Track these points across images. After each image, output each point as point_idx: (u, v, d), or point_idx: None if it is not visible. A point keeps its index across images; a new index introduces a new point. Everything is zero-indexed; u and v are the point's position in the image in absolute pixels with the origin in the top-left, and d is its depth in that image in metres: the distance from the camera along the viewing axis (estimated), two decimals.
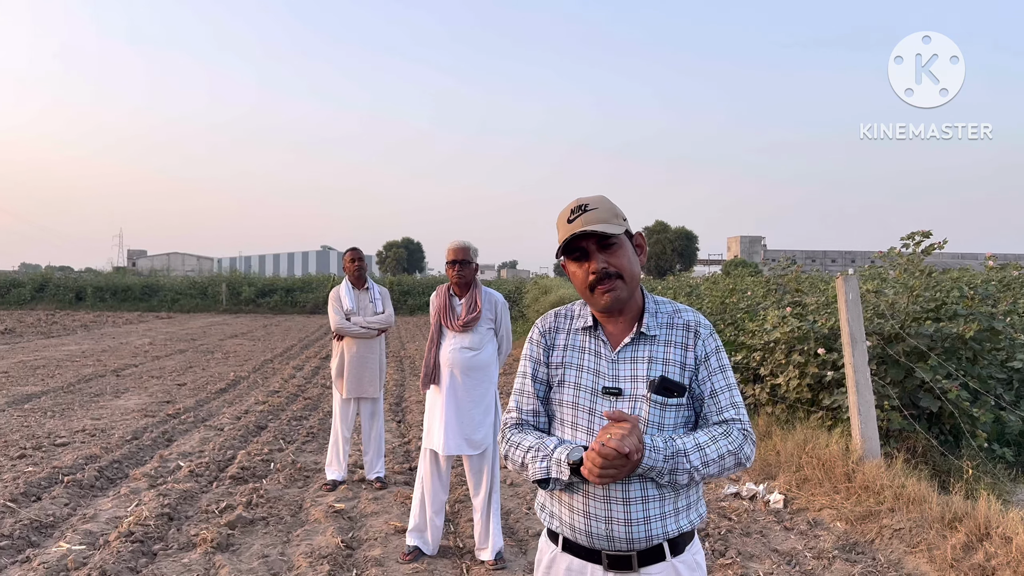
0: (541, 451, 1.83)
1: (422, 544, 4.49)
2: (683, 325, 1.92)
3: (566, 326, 2.00)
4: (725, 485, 6.05)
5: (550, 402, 1.97)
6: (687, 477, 1.77)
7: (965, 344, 6.09)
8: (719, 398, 1.86)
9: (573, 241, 1.83)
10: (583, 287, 1.87)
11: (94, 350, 16.30)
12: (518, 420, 1.97)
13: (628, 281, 1.85)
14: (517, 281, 41.03)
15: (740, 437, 1.82)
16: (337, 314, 6.04)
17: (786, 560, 4.52)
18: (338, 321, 6.01)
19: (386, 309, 6.18)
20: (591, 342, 1.93)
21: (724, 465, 1.80)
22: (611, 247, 1.84)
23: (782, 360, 7.08)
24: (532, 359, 2.00)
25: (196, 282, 38.16)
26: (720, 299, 10.67)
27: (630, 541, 1.81)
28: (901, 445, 5.92)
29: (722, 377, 1.89)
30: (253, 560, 4.41)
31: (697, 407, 1.89)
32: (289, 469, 6.39)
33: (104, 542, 4.57)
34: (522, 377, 2.00)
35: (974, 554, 4.14)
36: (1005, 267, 8.19)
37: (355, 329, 6.00)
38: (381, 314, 6.14)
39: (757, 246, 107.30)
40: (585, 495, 1.82)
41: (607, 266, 1.83)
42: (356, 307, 6.07)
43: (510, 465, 1.93)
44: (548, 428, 1.97)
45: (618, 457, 1.64)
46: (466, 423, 4.36)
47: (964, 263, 17.16)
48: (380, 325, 6.10)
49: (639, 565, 1.83)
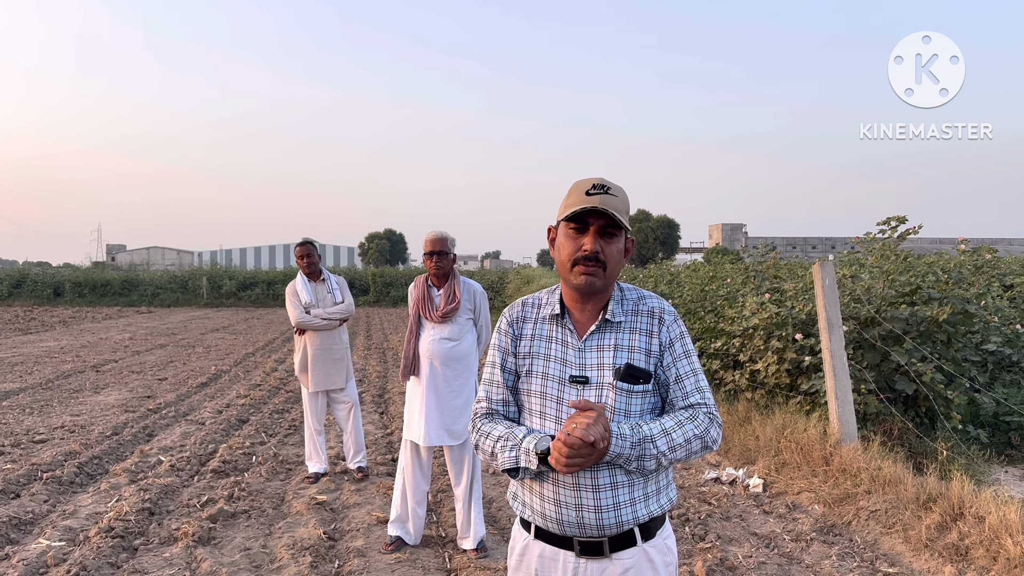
0: (510, 441, 1.84)
1: (404, 534, 4.51)
2: (647, 312, 1.93)
3: (533, 315, 2.01)
4: (705, 470, 6.11)
5: (519, 392, 1.98)
6: (655, 463, 1.79)
7: (939, 327, 6.17)
8: (684, 383, 1.88)
9: (583, 213, 1.84)
10: (567, 259, 1.87)
11: (73, 346, 16.16)
12: (488, 410, 1.98)
13: (608, 274, 1.86)
14: (500, 271, 41.00)
15: (706, 421, 1.85)
16: (296, 308, 5.91)
17: (765, 543, 4.57)
18: (298, 315, 5.89)
19: (345, 298, 6.09)
20: (558, 331, 1.95)
21: (691, 449, 1.82)
22: (611, 237, 1.85)
23: (761, 346, 7.14)
24: (500, 349, 2.01)
25: (176, 276, 37.85)
26: (700, 286, 10.73)
27: (601, 527, 1.83)
28: (878, 428, 6.00)
29: (687, 362, 1.90)
30: (235, 553, 4.41)
31: (663, 393, 1.91)
32: (271, 462, 6.38)
33: (84, 538, 4.56)
34: (491, 367, 2.01)
35: (948, 534, 4.21)
36: (978, 250, 8.29)
37: (316, 322, 5.90)
38: (341, 304, 6.04)
39: (738, 234, 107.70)
40: (555, 483, 1.84)
41: (600, 251, 1.83)
42: (315, 299, 5.96)
43: (480, 455, 1.94)
44: (518, 418, 1.98)
45: (584, 446, 1.65)
46: (447, 413, 4.38)
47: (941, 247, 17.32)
48: (341, 314, 6.01)
49: (611, 551, 1.85)
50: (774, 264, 9.72)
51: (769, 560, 4.29)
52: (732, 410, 7.19)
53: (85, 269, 44.81)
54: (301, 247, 5.96)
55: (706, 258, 42.05)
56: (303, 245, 5.96)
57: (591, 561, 1.86)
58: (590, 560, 1.86)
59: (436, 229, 4.43)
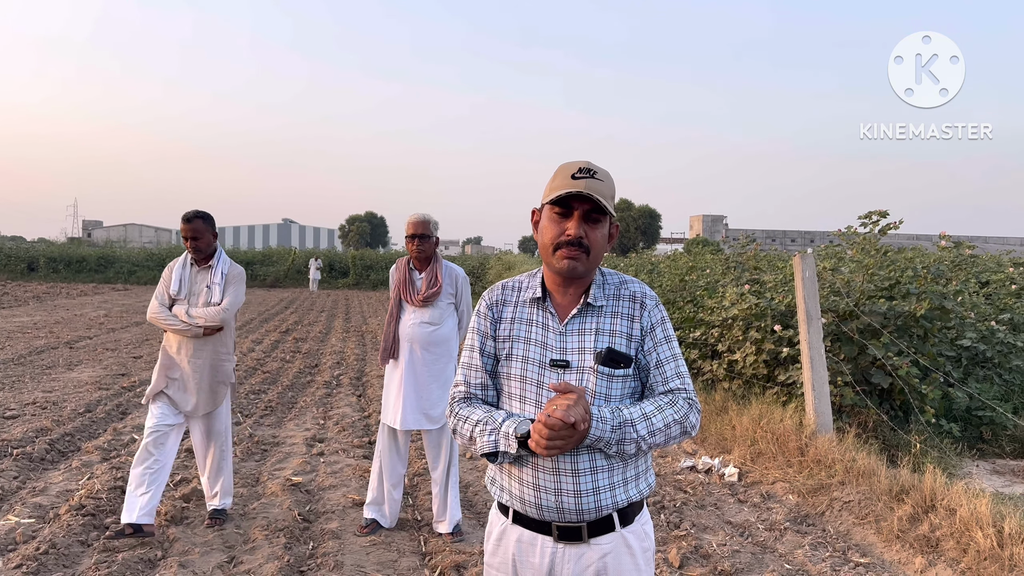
0: (489, 424, 1.82)
1: (380, 517, 4.49)
2: (629, 296, 1.92)
3: (514, 298, 1.98)
4: (681, 458, 6.14)
5: (498, 375, 1.96)
6: (634, 447, 1.78)
7: (916, 322, 6.23)
8: (665, 368, 1.88)
9: (568, 197, 1.81)
10: (550, 243, 1.85)
11: (46, 322, 15.95)
12: (466, 394, 1.96)
13: (591, 259, 1.85)
14: (481, 257, 40.97)
15: (685, 406, 1.84)
16: (157, 298, 4.46)
17: (739, 532, 4.60)
18: (154, 308, 4.42)
19: (225, 298, 4.44)
20: (539, 314, 1.93)
21: (670, 434, 1.81)
22: (596, 222, 1.84)
23: (739, 336, 7.17)
24: (480, 332, 1.98)
25: (154, 254, 37.52)
26: (680, 276, 10.76)
27: (580, 512, 1.82)
28: (853, 420, 6.05)
29: (668, 348, 1.90)
30: (208, 533, 4.37)
31: (643, 377, 1.90)
32: (246, 442, 6.33)
33: (54, 515, 4.50)
34: (470, 350, 1.99)
35: (920, 525, 4.25)
36: (959, 246, 8.36)
37: (171, 322, 4.36)
38: (213, 306, 4.40)
39: (719, 225, 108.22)
40: (534, 468, 1.82)
41: (583, 236, 1.82)
42: (187, 291, 4.45)
43: (458, 439, 1.92)
44: (496, 402, 1.96)
45: (564, 427, 1.64)
46: (424, 398, 4.35)
47: (918, 243, 17.50)
48: (206, 322, 4.35)
49: (589, 536, 1.84)
50: (754, 256, 9.77)
51: (743, 549, 4.32)
52: (709, 399, 7.22)
53: (60, 244, 44.29)
54: (188, 225, 4.41)
55: (686, 248, 42.19)
56: (191, 222, 4.41)
57: (569, 546, 1.85)
58: (568, 545, 1.85)
59: (418, 212, 4.39)
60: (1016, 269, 11.58)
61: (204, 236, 4.43)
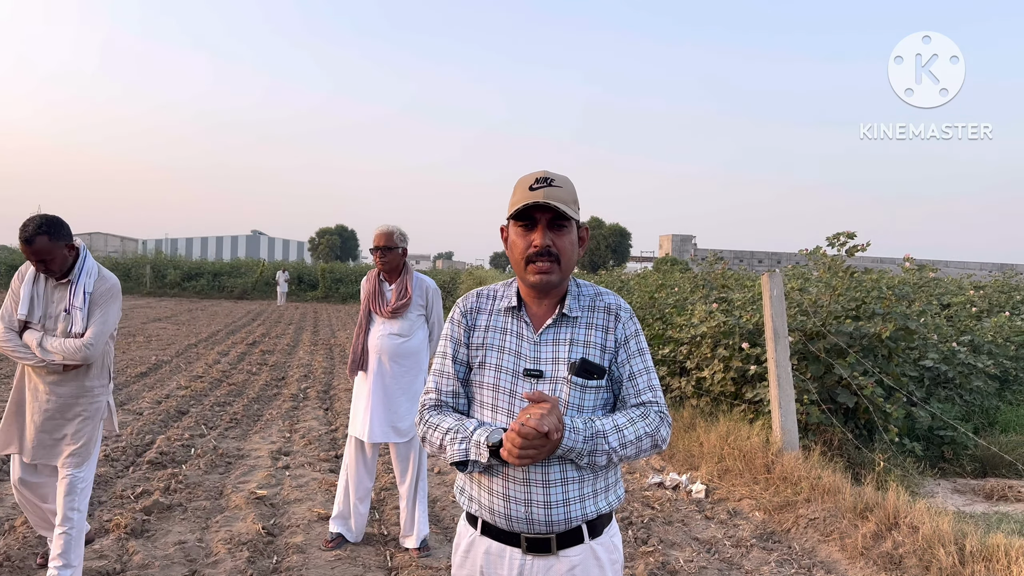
0: (460, 433, 1.81)
1: (346, 531, 4.43)
2: (604, 308, 1.92)
3: (488, 307, 1.98)
4: (649, 474, 6.15)
5: (470, 384, 1.94)
6: (606, 458, 1.78)
7: (882, 342, 6.32)
8: (637, 381, 1.88)
9: (528, 209, 1.81)
10: (520, 258, 1.85)
11: None
12: (437, 401, 1.94)
13: (564, 267, 1.85)
14: (452, 272, 40.93)
15: (657, 419, 1.85)
16: (4, 320, 3.47)
17: (706, 548, 4.61)
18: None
19: (90, 329, 3.42)
20: (514, 323, 1.92)
21: (641, 447, 1.81)
22: (560, 229, 1.83)
23: (708, 354, 7.23)
24: (453, 339, 1.97)
25: (119, 263, 36.91)
26: (649, 294, 10.83)
27: (549, 524, 1.81)
28: (819, 438, 6.11)
29: (641, 360, 1.90)
30: (169, 547, 4.28)
31: (616, 389, 1.90)
32: (210, 455, 6.23)
33: (10, 527, 4.38)
34: (442, 358, 1.97)
35: (883, 542, 4.30)
36: (922, 268, 8.53)
37: (21, 354, 3.42)
38: (74, 339, 3.40)
39: (688, 244, 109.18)
40: (504, 478, 1.81)
41: (551, 245, 1.82)
42: (41, 312, 3.46)
43: (427, 447, 1.90)
44: (467, 410, 1.95)
45: (538, 436, 1.63)
46: (393, 411, 4.31)
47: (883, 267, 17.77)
48: (63, 360, 3.37)
49: (558, 547, 1.83)
50: (723, 274, 9.87)
51: (710, 565, 4.33)
52: (678, 416, 7.25)
53: (22, 251, 43.29)
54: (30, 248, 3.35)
55: (656, 267, 42.52)
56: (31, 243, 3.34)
57: (538, 558, 1.83)
58: (537, 557, 1.83)
59: (385, 223, 4.38)
60: (976, 292, 11.84)
61: (55, 257, 3.37)
